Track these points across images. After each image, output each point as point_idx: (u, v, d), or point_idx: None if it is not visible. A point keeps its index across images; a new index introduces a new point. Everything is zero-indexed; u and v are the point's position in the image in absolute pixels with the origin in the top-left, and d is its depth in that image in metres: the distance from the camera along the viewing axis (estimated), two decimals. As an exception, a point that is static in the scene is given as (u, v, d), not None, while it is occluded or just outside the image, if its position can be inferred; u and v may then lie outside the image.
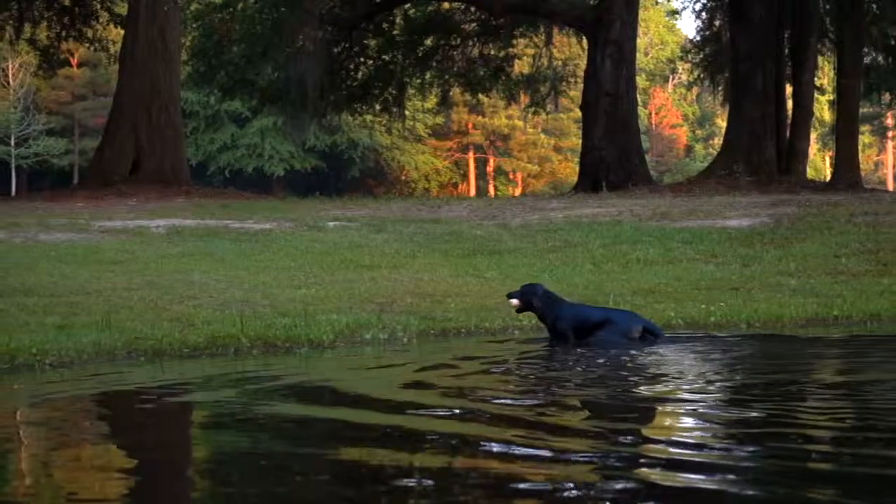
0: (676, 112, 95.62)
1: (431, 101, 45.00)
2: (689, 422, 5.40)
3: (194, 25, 34.09)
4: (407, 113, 42.57)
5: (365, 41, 35.32)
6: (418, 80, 37.27)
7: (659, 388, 6.44)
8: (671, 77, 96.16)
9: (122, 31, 35.12)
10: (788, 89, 31.56)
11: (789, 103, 31.07)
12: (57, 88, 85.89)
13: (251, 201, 27.42)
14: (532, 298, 9.08)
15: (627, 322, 8.87)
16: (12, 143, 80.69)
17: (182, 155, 33.78)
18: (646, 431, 5.19)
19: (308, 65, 30.32)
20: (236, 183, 64.66)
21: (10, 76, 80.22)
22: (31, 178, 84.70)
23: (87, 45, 40.10)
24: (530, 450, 4.52)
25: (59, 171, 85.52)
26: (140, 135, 31.25)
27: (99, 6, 36.74)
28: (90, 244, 16.32)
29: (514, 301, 9.21)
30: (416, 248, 16.06)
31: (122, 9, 36.08)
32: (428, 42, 35.58)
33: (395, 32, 35.45)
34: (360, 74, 36.02)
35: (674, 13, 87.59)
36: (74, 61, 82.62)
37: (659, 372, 7.15)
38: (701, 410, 5.65)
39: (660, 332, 8.85)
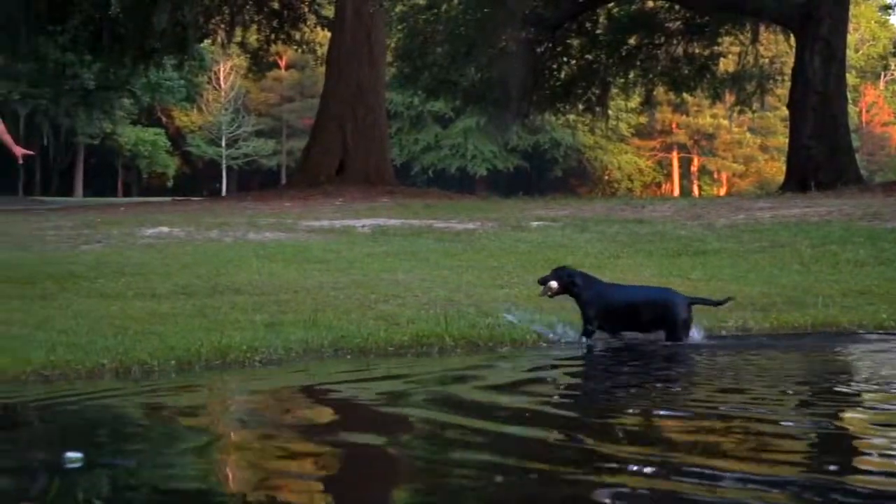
0: (888, 110, 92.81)
1: (635, 101, 44.55)
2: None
3: (399, 27, 34.48)
4: (610, 112, 42.32)
5: (568, 41, 35.20)
6: (622, 80, 36.97)
7: None
8: (883, 74, 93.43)
9: (329, 34, 35.76)
10: None
11: None
12: (266, 90, 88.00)
13: (454, 201, 27.57)
14: (574, 278, 9.08)
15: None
16: (223, 144, 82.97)
17: (387, 155, 34.25)
18: None
19: (511, 65, 30.37)
20: (439, 183, 65.23)
21: (222, 79, 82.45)
22: (240, 178, 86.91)
23: (295, 47, 40.97)
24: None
25: (268, 171, 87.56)
26: (346, 136, 31.77)
27: (307, 9, 37.46)
28: (297, 243, 16.62)
29: (553, 284, 9.12)
30: (620, 248, 15.89)
31: (330, 12, 36.72)
32: (631, 41, 35.24)
33: (599, 32, 35.22)
34: (563, 74, 35.92)
35: (886, 8, 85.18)
36: (283, 64, 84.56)
37: None
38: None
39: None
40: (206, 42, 45.16)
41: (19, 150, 11.86)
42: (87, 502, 3.92)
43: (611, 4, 34.44)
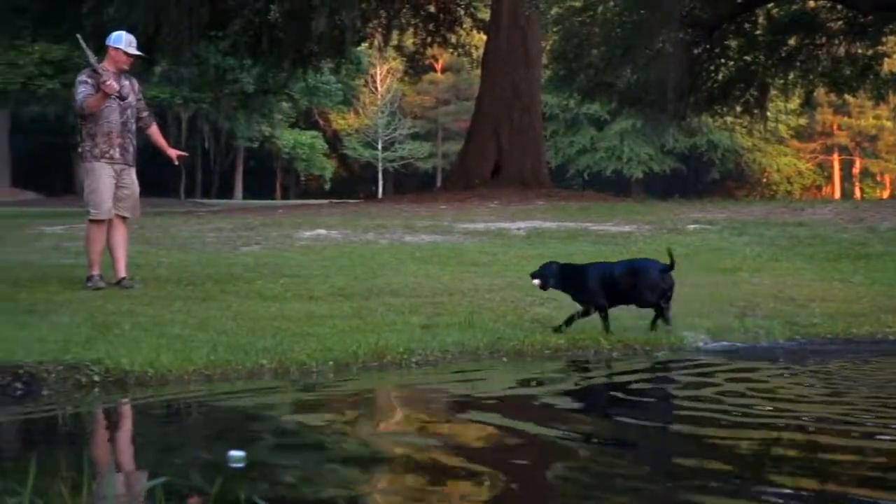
0: None
1: (794, 102, 43.74)
2: None
3: (554, 29, 34.39)
4: (769, 114, 41.62)
5: (726, 42, 34.70)
6: (781, 81, 36.26)
7: None
8: None
9: (485, 37, 35.83)
10: None
11: None
12: (422, 93, 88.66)
13: (610, 204, 27.40)
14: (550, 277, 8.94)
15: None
16: (379, 146, 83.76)
17: (542, 158, 34.17)
18: None
19: (668, 66, 30.05)
20: (595, 185, 64.99)
21: (378, 82, 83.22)
22: (396, 181, 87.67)
23: (450, 50, 41.12)
24: None
25: (423, 173, 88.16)
26: (501, 138, 31.79)
27: (463, 12, 37.61)
28: (453, 245, 16.68)
29: (536, 282, 9.04)
30: (779, 251, 15.62)
31: (485, 14, 36.80)
32: (791, 42, 34.56)
33: (758, 32, 34.63)
34: (720, 75, 35.40)
35: None
36: (439, 67, 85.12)
37: None
38: None
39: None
40: (364, 45, 45.58)
41: (173, 152, 12.15)
42: (249, 501, 3.97)
43: (770, 5, 33.82)
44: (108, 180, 11.40)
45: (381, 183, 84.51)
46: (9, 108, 62.33)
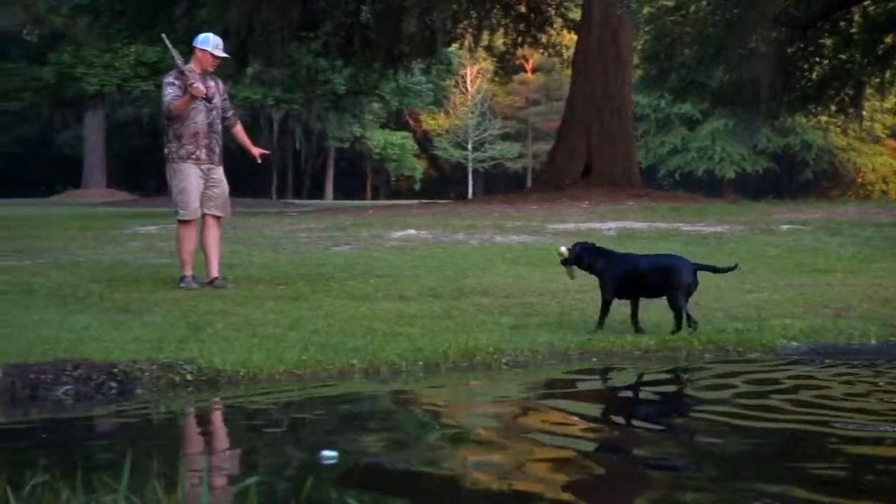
0: None
1: (890, 101, 43.17)
2: None
3: (646, 29, 34.19)
4: (864, 113, 41.03)
5: (820, 40, 34.26)
6: (877, 80, 35.72)
7: None
8: None
9: (576, 36, 35.70)
10: None
11: None
12: (512, 94, 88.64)
13: (702, 204, 27.17)
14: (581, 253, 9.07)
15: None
16: (469, 147, 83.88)
17: (633, 158, 33.98)
18: None
19: (761, 66, 29.76)
20: (686, 186, 64.57)
21: (469, 82, 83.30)
22: (486, 181, 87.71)
23: (541, 50, 41.00)
24: None
25: (513, 174, 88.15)
26: (592, 138, 31.65)
27: (554, 12, 37.48)
28: (543, 246, 16.62)
29: (564, 249, 9.16)
30: (874, 252, 15.39)
31: (576, 14, 36.65)
32: (888, 40, 34.05)
33: (853, 31, 34.15)
34: (814, 74, 34.97)
35: None
36: (529, 67, 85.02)
37: None
38: None
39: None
40: (454, 46, 45.64)
41: (257, 151, 12.25)
42: (341, 501, 3.98)
43: (866, 2, 33.32)
44: (196, 181, 11.51)
45: (470, 183, 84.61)
46: (105, 110, 63.30)
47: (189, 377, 6.86)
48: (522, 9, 37.07)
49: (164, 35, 12.69)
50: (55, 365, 6.73)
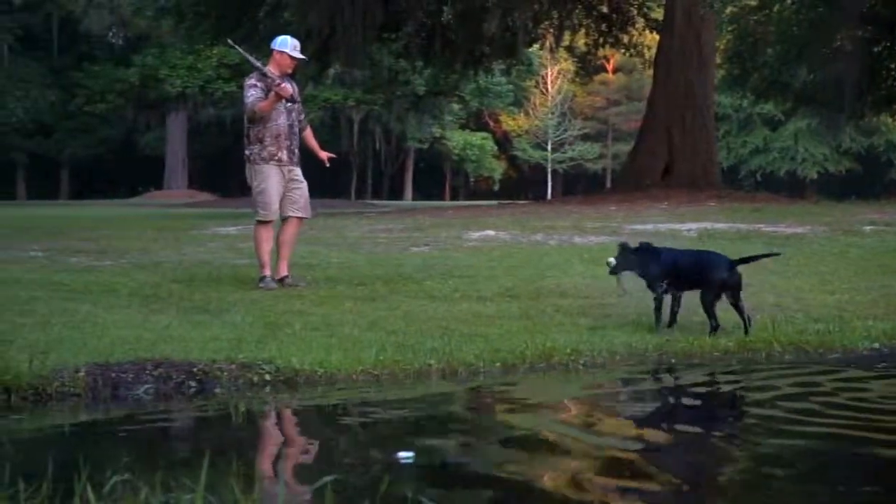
0: None
1: (978, 101, 42.41)
2: None
3: (729, 28, 33.93)
4: (951, 113, 40.40)
5: (907, 39, 33.79)
6: (964, 79, 35.19)
7: None
8: None
9: (658, 36, 35.48)
10: None
11: None
12: (592, 94, 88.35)
13: (783, 205, 26.86)
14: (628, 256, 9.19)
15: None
16: (549, 147, 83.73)
17: (714, 159, 33.70)
18: None
19: (846, 65, 29.40)
20: (768, 186, 63.95)
21: (549, 83, 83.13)
22: (565, 182, 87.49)
23: (622, 50, 40.81)
24: None
25: (592, 175, 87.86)
26: (673, 139, 31.44)
27: (636, 12, 37.29)
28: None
29: (612, 260, 9.26)
30: (962, 254, 15.15)
31: (659, 14, 36.44)
32: (976, 38, 33.51)
33: (941, 29, 33.65)
34: (901, 74, 34.52)
35: None
36: (610, 67, 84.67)
37: None
38: None
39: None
40: (535, 46, 45.57)
41: (325, 155, 12.26)
42: (416, 501, 3.99)
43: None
44: (277, 182, 11.57)
45: (549, 184, 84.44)
46: (187, 112, 64.00)
47: (267, 377, 6.91)
48: (604, 9, 36.90)
49: (230, 41, 12.78)
50: (136, 364, 6.81)
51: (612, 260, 9.25)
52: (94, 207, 46.08)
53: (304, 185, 11.83)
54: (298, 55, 11.90)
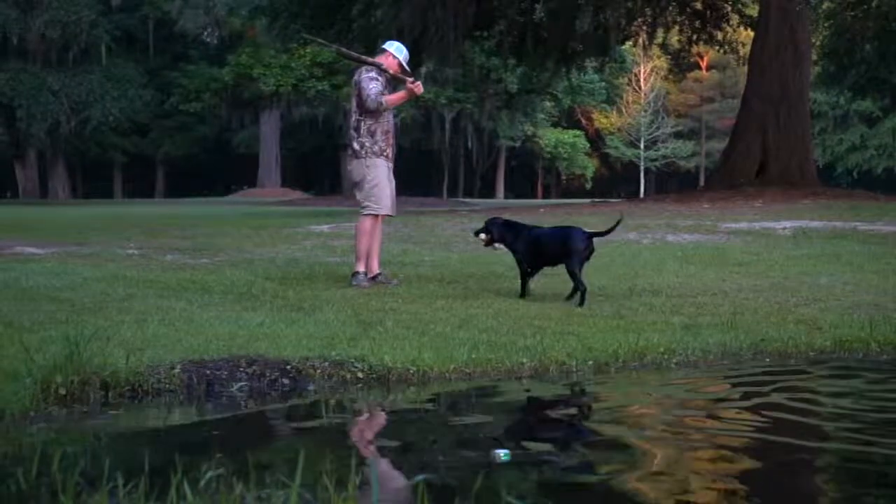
0: None
1: None
2: None
3: (825, 24, 33.48)
4: None
5: None
6: None
7: None
8: None
9: (752, 33, 35.11)
10: None
11: None
12: (685, 91, 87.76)
13: (881, 203, 26.45)
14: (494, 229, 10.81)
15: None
16: (642, 145, 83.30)
17: (809, 156, 33.25)
18: None
19: (945, 60, 28.91)
20: (864, 184, 63.00)
21: (642, 80, 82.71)
22: (658, 180, 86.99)
23: (716, 47, 40.46)
24: None
25: (685, 172, 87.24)
26: (767, 136, 31.07)
27: (730, 9, 36.95)
28: (716, 245, 16.42)
29: (483, 236, 10.90)
30: None
31: (753, 11, 36.07)
32: None
33: None
34: None
35: None
36: (704, 64, 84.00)
37: None
38: None
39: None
40: (628, 44, 45.36)
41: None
42: (506, 501, 3.98)
43: None
44: (387, 178, 11.62)
45: (642, 182, 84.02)
46: (280, 110, 64.55)
47: (360, 374, 6.94)
48: (698, 6, 36.60)
49: (335, 46, 12.83)
50: (230, 361, 6.87)
51: (483, 236, 10.92)
52: (189, 205, 46.65)
53: (394, 184, 11.88)
54: (406, 68, 11.96)
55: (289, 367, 6.89)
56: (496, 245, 10.95)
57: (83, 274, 11.89)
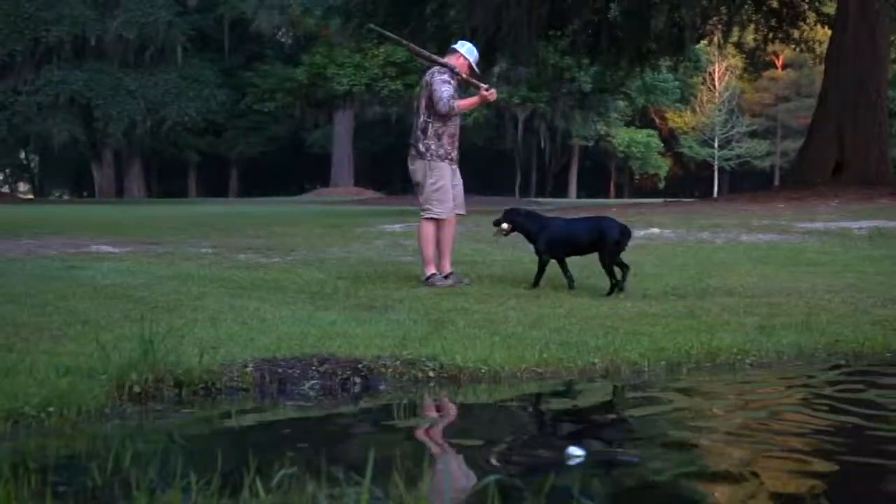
0: None
1: None
2: None
3: (905, 21, 33.06)
4: None
5: None
6: None
7: None
8: None
9: (830, 32, 34.75)
10: None
11: None
12: (760, 90, 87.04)
13: (960, 203, 26.07)
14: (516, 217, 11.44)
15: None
16: (716, 144, 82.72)
17: (887, 156, 32.83)
18: None
19: None
20: (944, 184, 62.04)
21: (717, 79, 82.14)
22: (732, 180, 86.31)
23: (792, 46, 40.10)
24: None
25: (760, 172, 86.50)
26: (844, 135, 30.75)
27: (807, 7, 36.62)
28: (790, 245, 16.28)
29: (505, 225, 11.48)
30: None
31: (831, 9, 35.70)
32: None
33: None
34: None
35: None
36: (779, 63, 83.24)
37: None
38: None
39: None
40: (702, 43, 45.07)
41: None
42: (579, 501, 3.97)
43: None
44: (450, 181, 11.61)
45: (716, 181, 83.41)
46: (353, 109, 64.84)
47: (431, 374, 6.94)
48: (774, 4, 36.31)
49: (416, 47, 12.81)
50: (302, 360, 6.90)
51: (505, 226, 11.53)
52: (262, 204, 46.98)
53: (461, 183, 11.88)
54: (476, 71, 11.96)
55: (360, 365, 6.91)
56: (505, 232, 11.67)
57: (158, 272, 12.03)
